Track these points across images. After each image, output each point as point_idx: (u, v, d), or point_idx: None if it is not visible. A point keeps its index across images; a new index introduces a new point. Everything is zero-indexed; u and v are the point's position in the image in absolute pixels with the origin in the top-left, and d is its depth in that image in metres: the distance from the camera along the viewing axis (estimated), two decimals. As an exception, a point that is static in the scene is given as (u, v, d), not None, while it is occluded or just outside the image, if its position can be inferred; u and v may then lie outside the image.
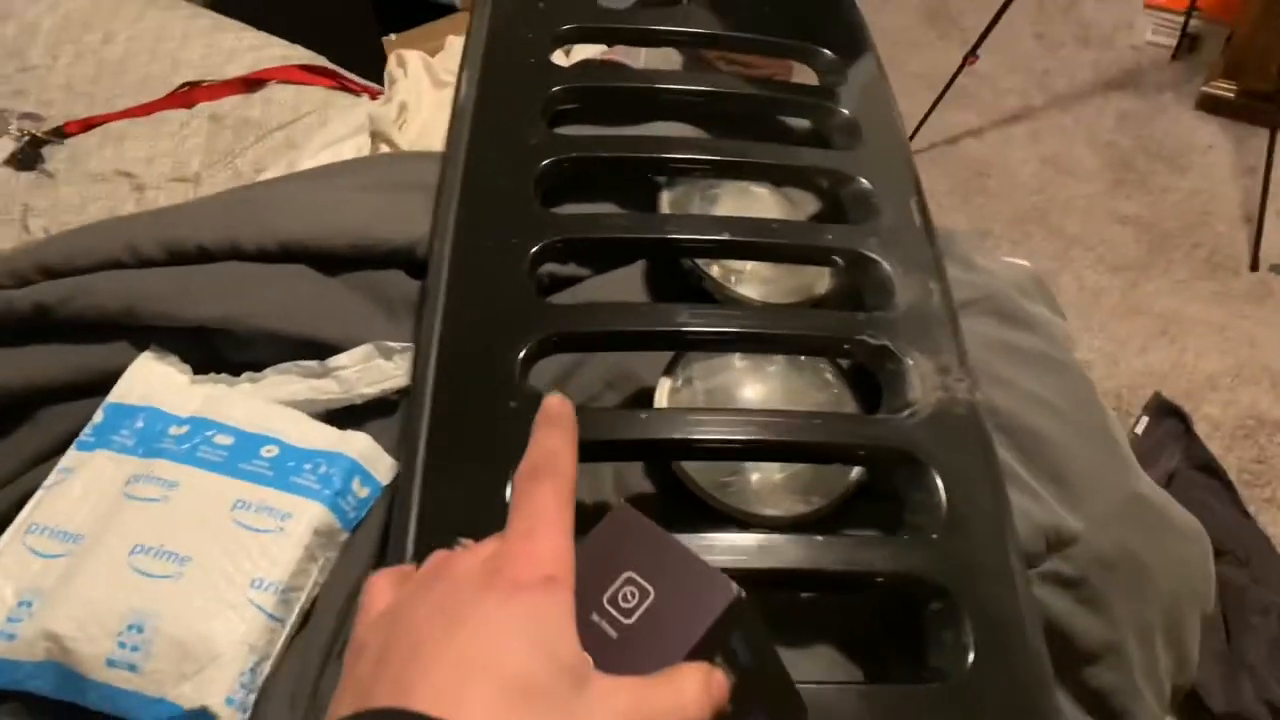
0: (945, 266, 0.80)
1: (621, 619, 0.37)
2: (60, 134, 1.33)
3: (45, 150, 1.31)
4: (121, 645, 0.61)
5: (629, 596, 0.37)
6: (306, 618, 0.69)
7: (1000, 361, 0.78)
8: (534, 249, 0.74)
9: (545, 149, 0.81)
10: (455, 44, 1.18)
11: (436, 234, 0.77)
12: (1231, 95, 2.35)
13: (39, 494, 0.71)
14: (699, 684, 0.35)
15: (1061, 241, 2.09)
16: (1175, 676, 0.79)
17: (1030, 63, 2.62)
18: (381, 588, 0.40)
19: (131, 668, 0.61)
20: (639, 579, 0.38)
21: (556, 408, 0.42)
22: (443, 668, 0.31)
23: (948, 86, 2.18)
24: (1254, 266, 2.01)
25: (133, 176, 1.23)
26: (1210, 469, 1.58)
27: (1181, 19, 2.53)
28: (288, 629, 0.66)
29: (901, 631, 0.65)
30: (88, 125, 1.33)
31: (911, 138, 2.29)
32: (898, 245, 0.79)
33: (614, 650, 0.36)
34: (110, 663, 0.61)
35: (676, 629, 0.36)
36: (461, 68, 0.91)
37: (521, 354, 0.69)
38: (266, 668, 0.64)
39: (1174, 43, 2.61)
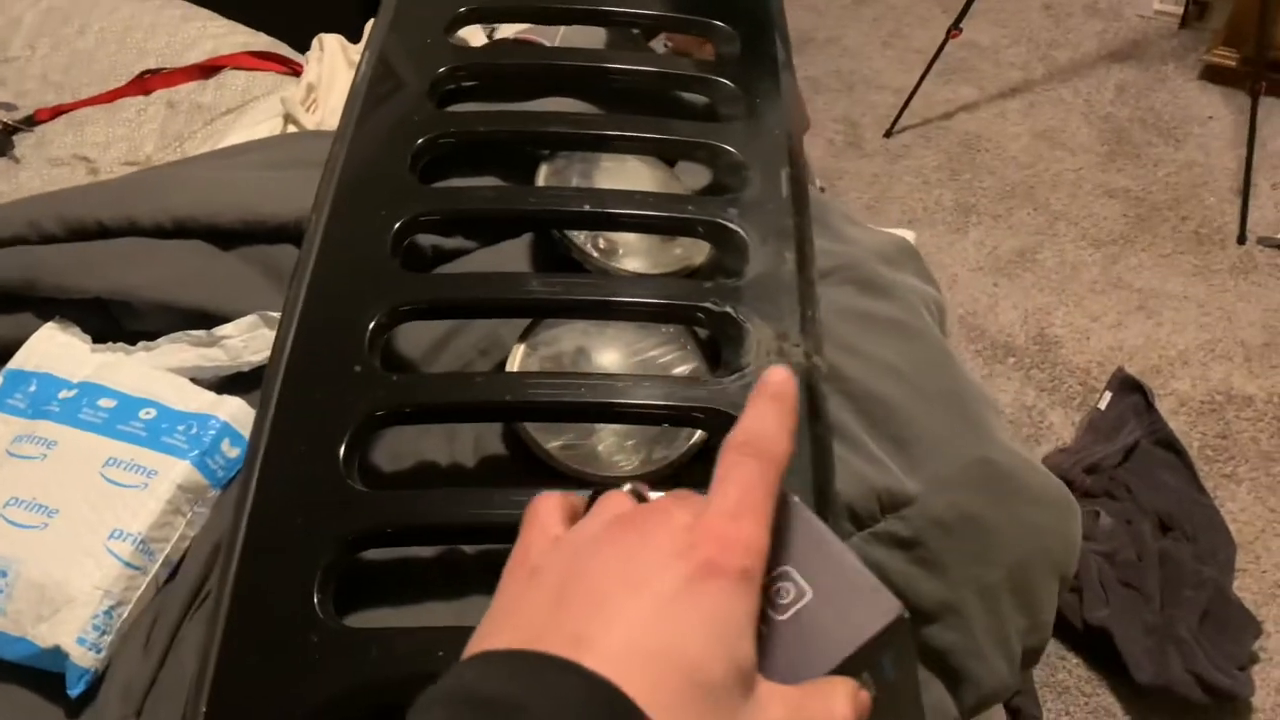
0: (810, 237, 0.82)
1: (774, 614, 0.35)
2: (31, 122, 1.40)
3: (16, 137, 1.38)
4: (-13, 589, 0.67)
5: (785, 592, 0.36)
6: (175, 569, 0.74)
7: (852, 329, 0.80)
8: (398, 222, 0.78)
9: (425, 125, 0.85)
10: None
11: (315, 207, 0.81)
12: (1234, 63, 2.30)
13: (-69, 451, 0.77)
14: (848, 701, 0.33)
15: (1046, 216, 2.08)
16: (1028, 638, 0.80)
17: (1036, 34, 2.59)
18: (552, 510, 0.39)
19: (-4, 611, 0.67)
20: (797, 576, 0.36)
21: (782, 382, 0.37)
22: (623, 633, 0.30)
23: (934, 60, 2.17)
24: (1241, 239, 1.97)
25: (89, 161, 1.29)
26: (1170, 444, 1.56)
27: (1189, -14, 2.48)
28: (149, 577, 0.71)
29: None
30: (56, 113, 1.39)
31: (901, 112, 2.28)
32: (759, 215, 0.81)
33: (761, 644, 0.34)
34: (-23, 604, 0.67)
35: (832, 638, 0.35)
36: (364, 48, 0.95)
37: (372, 322, 0.72)
38: (124, 612, 0.69)
39: (1181, 10, 2.56)
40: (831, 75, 2.53)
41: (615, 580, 0.32)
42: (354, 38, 1.47)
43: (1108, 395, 1.66)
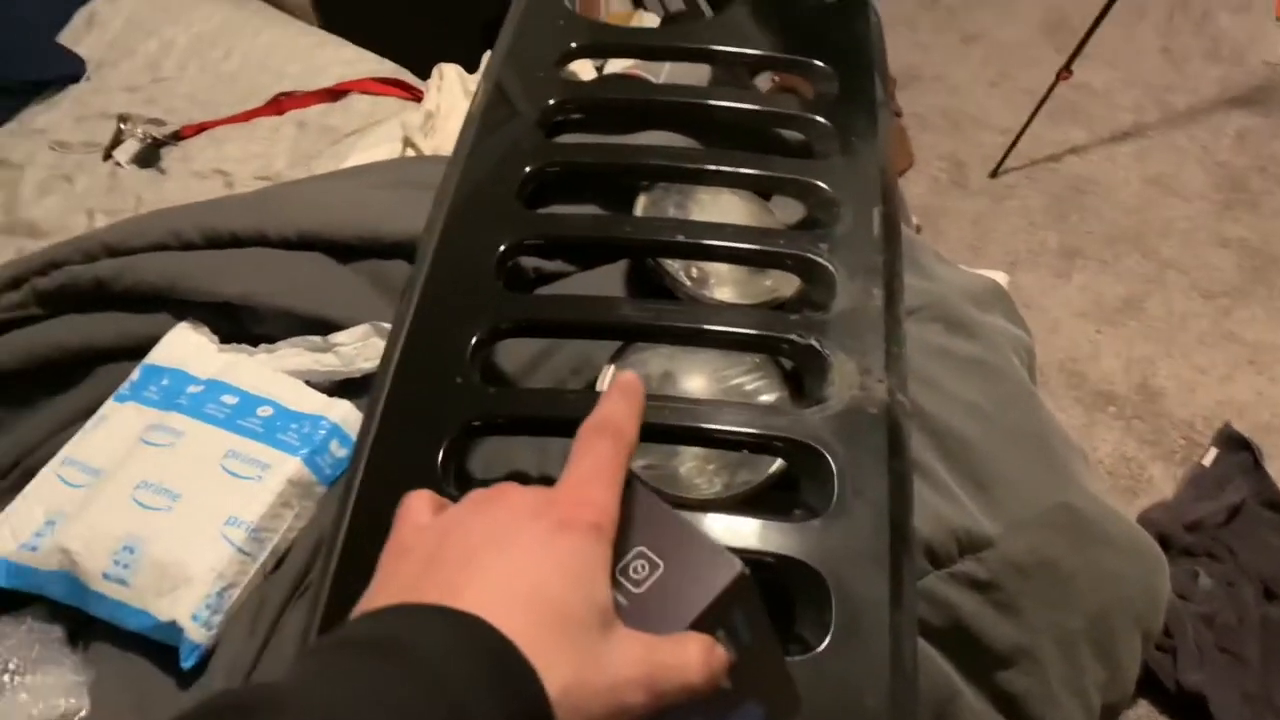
0: (899, 273, 0.84)
1: (633, 589, 0.39)
2: (177, 137, 1.51)
3: (163, 151, 1.49)
4: (115, 563, 0.73)
5: (639, 569, 0.39)
6: (282, 560, 0.79)
7: (936, 366, 0.81)
8: (503, 245, 0.83)
9: (534, 154, 0.90)
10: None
11: (428, 227, 0.87)
12: (1366, 115, 2.21)
13: (78, 434, 0.84)
14: (701, 652, 0.37)
15: (1155, 264, 2.03)
16: (1107, 692, 0.79)
17: (1152, 78, 2.54)
18: (421, 503, 0.42)
19: (122, 582, 0.73)
20: (649, 554, 0.40)
21: (630, 381, 0.45)
22: (492, 580, 0.34)
23: (1044, 101, 2.14)
24: (1366, 296, 1.90)
25: (226, 175, 1.39)
26: (1277, 506, 1.51)
27: (1321, 33, 2.40)
28: (258, 564, 0.76)
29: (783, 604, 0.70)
30: (200, 129, 1.50)
31: (1008, 152, 2.26)
32: (849, 251, 0.83)
33: (624, 617, 0.37)
34: (106, 576, 0.73)
35: (683, 600, 0.38)
36: (481, 79, 1.01)
37: (474, 337, 0.77)
38: (234, 594, 0.75)
39: (1312, 59, 2.48)
40: (937, 113, 2.52)
41: (481, 541, 0.36)
42: (472, 68, 1.54)
43: (1213, 451, 1.62)
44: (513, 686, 0.31)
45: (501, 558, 0.35)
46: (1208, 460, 1.61)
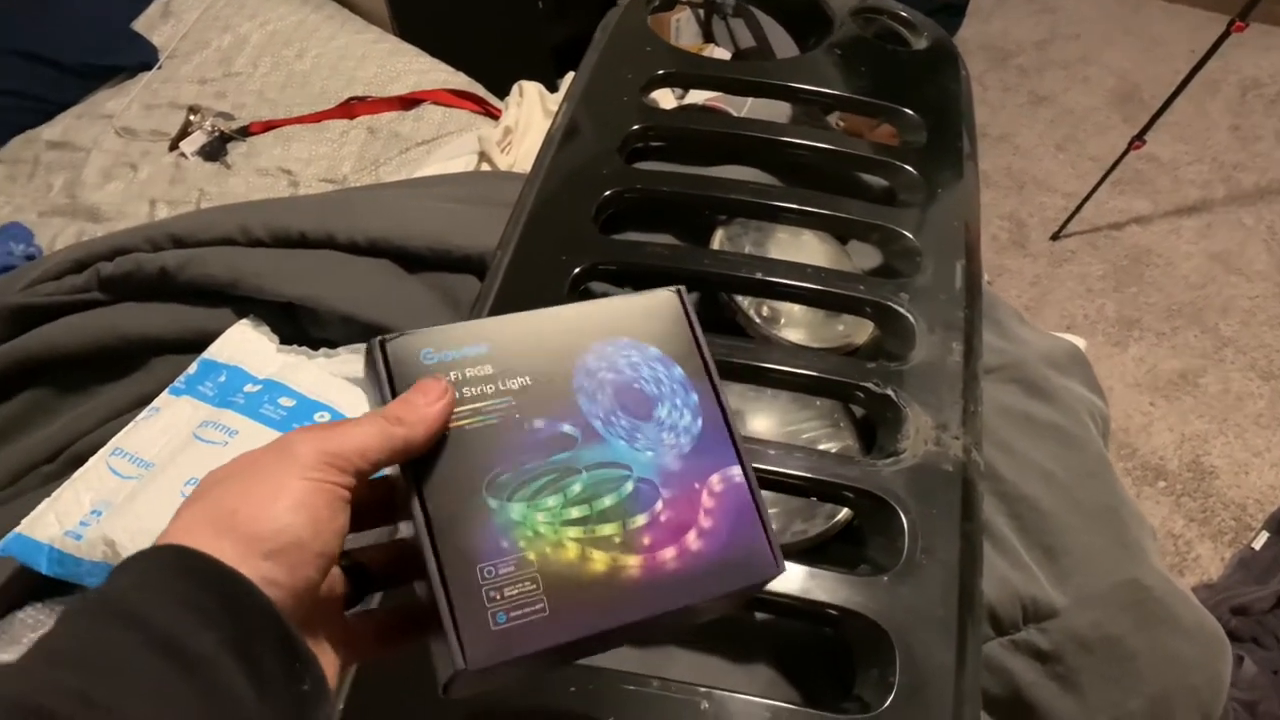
0: (979, 330, 0.81)
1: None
2: (244, 133, 1.51)
3: (229, 145, 1.50)
4: (160, 558, 0.71)
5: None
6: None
7: (1012, 429, 0.79)
8: (577, 268, 0.81)
9: (612, 179, 0.88)
10: (576, 81, 1.28)
11: (501, 244, 0.85)
12: None
13: (130, 424, 0.83)
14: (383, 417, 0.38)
15: (1213, 340, 1.99)
16: (1164, 771, 0.76)
17: (1220, 155, 2.50)
18: None
19: (165, 578, 0.71)
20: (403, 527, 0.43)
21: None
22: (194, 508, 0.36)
23: (1112, 169, 2.12)
24: None
25: (291, 174, 1.38)
26: (1331, 597, 1.46)
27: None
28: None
29: (838, 660, 0.67)
30: (268, 127, 1.50)
31: (1072, 217, 2.23)
32: (930, 303, 0.81)
33: None
34: (149, 571, 0.71)
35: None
36: (563, 99, 1.00)
37: (542, 358, 0.75)
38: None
39: (1386, 146, 2.43)
40: (1002, 172, 2.50)
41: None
42: (544, 85, 1.53)
43: (1264, 535, 1.57)
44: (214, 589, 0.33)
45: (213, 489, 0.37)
46: (1258, 544, 1.56)
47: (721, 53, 2.20)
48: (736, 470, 0.44)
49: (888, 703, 0.60)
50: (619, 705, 0.59)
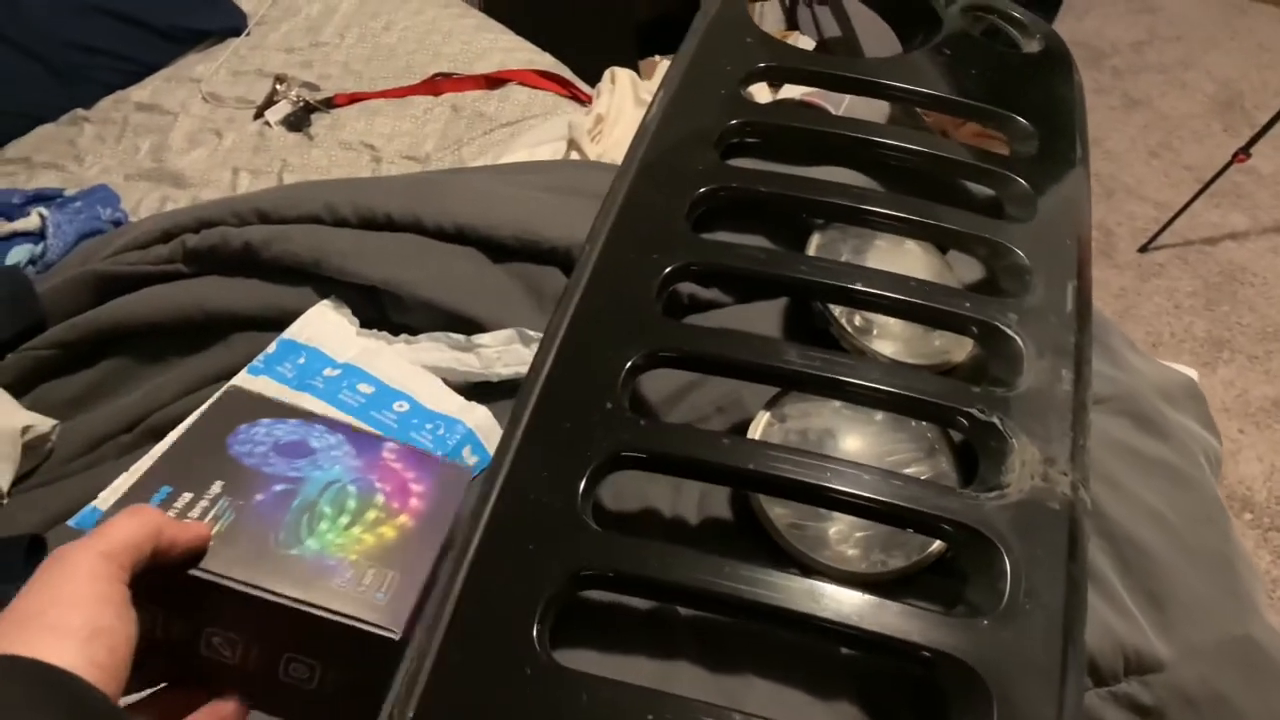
0: (1089, 358, 0.77)
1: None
2: (329, 104, 1.50)
3: (313, 117, 1.49)
4: (234, 542, 0.70)
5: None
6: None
7: (1121, 465, 0.74)
8: (669, 268, 0.78)
9: (708, 175, 0.85)
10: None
11: (590, 238, 0.82)
12: None
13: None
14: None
15: (1311, 367, 1.90)
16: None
17: (1326, 171, 2.39)
18: None
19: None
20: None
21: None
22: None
23: (1211, 182, 2.03)
24: None
25: (374, 149, 1.37)
26: None
27: None
28: (375, 564, 0.73)
29: (926, 700, 0.64)
30: (353, 100, 1.49)
31: (1163, 229, 2.14)
32: (1039, 325, 0.77)
33: None
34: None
35: None
36: (658, 89, 0.97)
37: (629, 362, 0.72)
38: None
39: None
40: (1091, 178, 2.40)
41: None
42: (627, 64, 1.50)
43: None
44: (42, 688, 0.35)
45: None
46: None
47: (806, 41, 2.15)
48: (391, 443, 0.60)
49: (985, 756, 0.57)
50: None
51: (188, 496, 0.49)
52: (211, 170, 1.48)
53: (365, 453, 0.57)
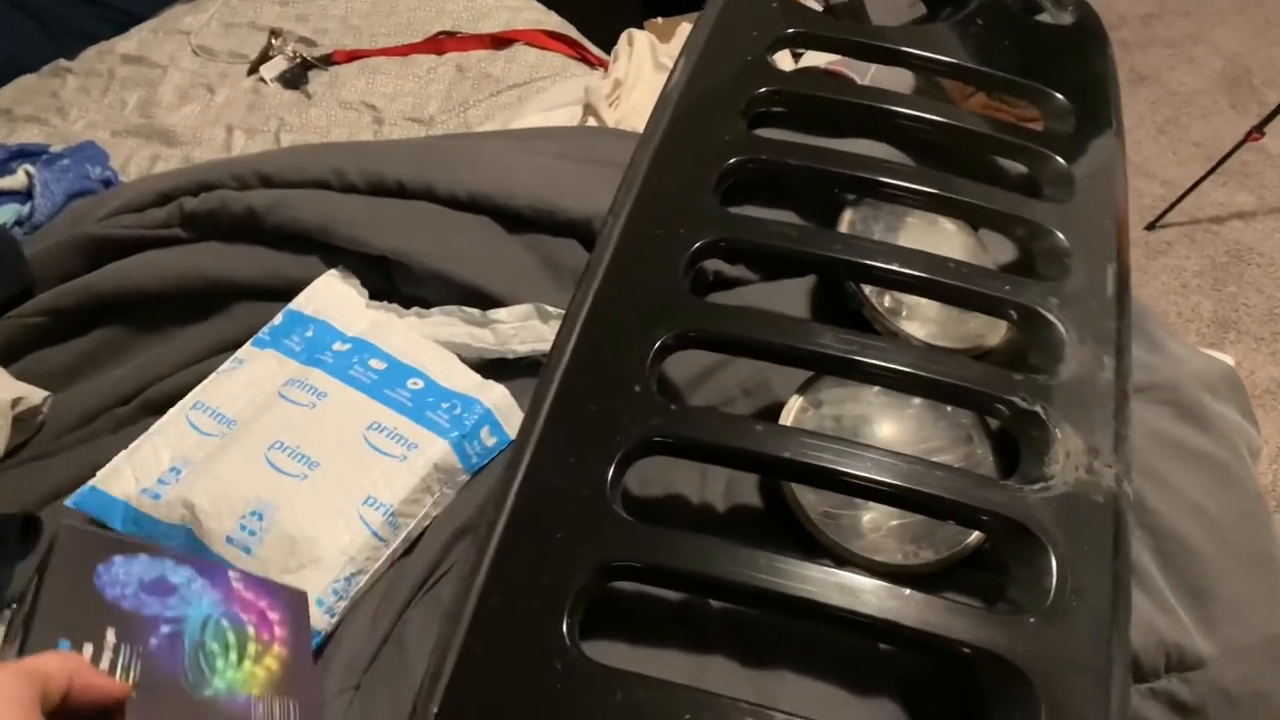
0: (1129, 345, 0.74)
1: None
2: (327, 61, 1.45)
3: (310, 74, 1.44)
4: (242, 528, 0.67)
5: None
6: (412, 547, 0.73)
7: (1163, 457, 0.72)
8: (697, 244, 0.75)
9: (736, 146, 0.81)
10: (687, 31, 1.20)
11: (613, 211, 0.79)
12: None
13: (212, 376, 0.79)
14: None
15: (1317, 349, 1.89)
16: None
17: (1333, 151, 2.36)
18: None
19: (246, 549, 0.67)
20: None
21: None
22: None
23: (1223, 160, 2.00)
24: None
25: (375, 110, 1.32)
26: None
27: None
28: (390, 551, 0.70)
29: (967, 700, 0.61)
30: (352, 57, 1.44)
31: (1171, 207, 2.11)
32: (1080, 310, 0.74)
33: None
34: (229, 540, 0.67)
35: None
36: (680, 54, 0.93)
37: (657, 343, 0.69)
38: (362, 581, 0.68)
39: None
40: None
41: None
42: (632, 24, 1.44)
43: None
44: None
45: None
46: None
47: (812, 3, 2.09)
48: (234, 572, 0.59)
49: (1033, 761, 0.55)
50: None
51: (89, 648, 0.49)
52: (204, 128, 1.43)
53: (218, 584, 0.57)
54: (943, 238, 0.83)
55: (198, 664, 0.53)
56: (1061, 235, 0.79)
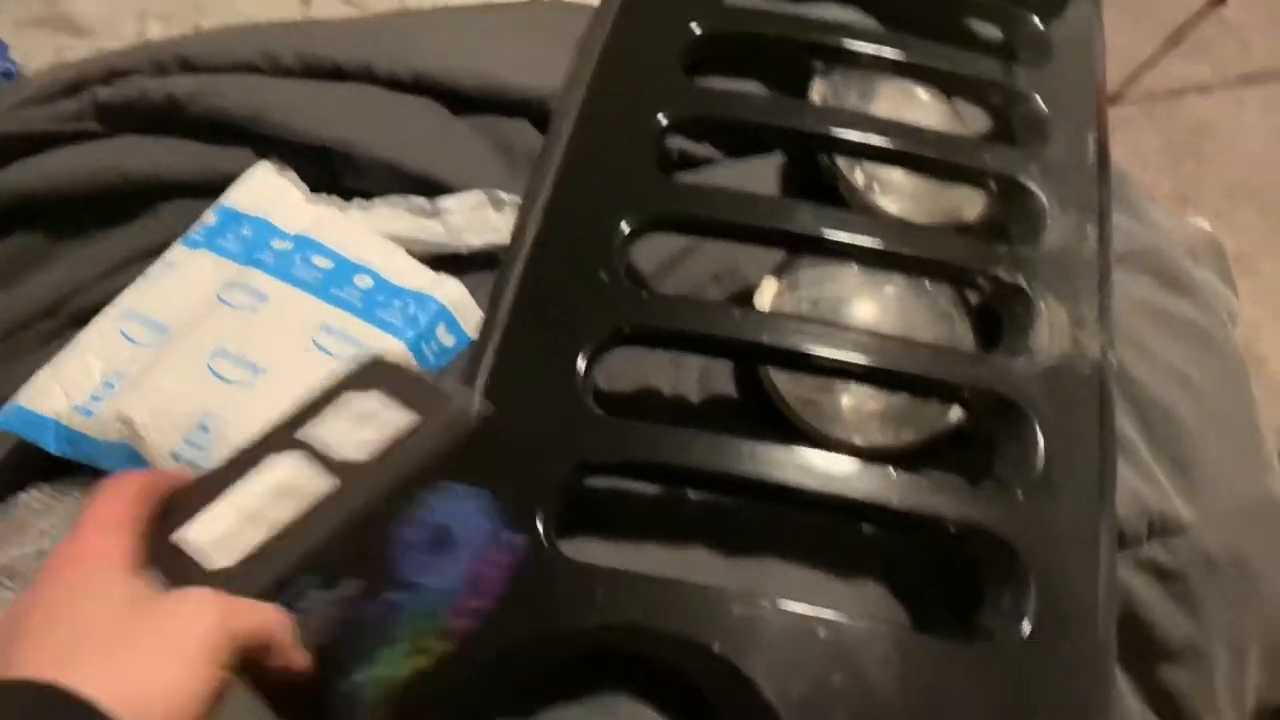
0: (1111, 212, 0.72)
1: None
2: (247, -57, 1.34)
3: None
4: (187, 442, 0.63)
5: None
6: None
7: (1146, 325, 0.70)
8: (664, 120, 0.70)
9: (702, 14, 0.76)
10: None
11: (569, 87, 0.74)
12: None
13: (140, 281, 0.73)
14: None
15: (1273, 222, 1.89)
16: (1264, 691, 0.71)
17: (1291, 22, 2.33)
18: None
19: (193, 465, 0.63)
20: None
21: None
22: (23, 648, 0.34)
23: (1183, 29, 1.96)
24: None
25: (303, -7, 1.23)
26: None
27: None
28: (345, 458, 0.66)
29: (955, 581, 0.60)
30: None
31: (1129, 82, 2.08)
32: (1061, 179, 0.71)
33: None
34: (175, 456, 0.63)
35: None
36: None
37: (627, 227, 0.65)
38: (318, 489, 0.64)
39: None
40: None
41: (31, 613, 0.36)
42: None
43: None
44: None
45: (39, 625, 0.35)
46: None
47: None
48: None
49: (1025, 631, 0.54)
50: (729, 628, 0.52)
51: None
52: (114, 16, 1.32)
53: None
54: (918, 108, 0.79)
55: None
56: (1039, 100, 0.75)
